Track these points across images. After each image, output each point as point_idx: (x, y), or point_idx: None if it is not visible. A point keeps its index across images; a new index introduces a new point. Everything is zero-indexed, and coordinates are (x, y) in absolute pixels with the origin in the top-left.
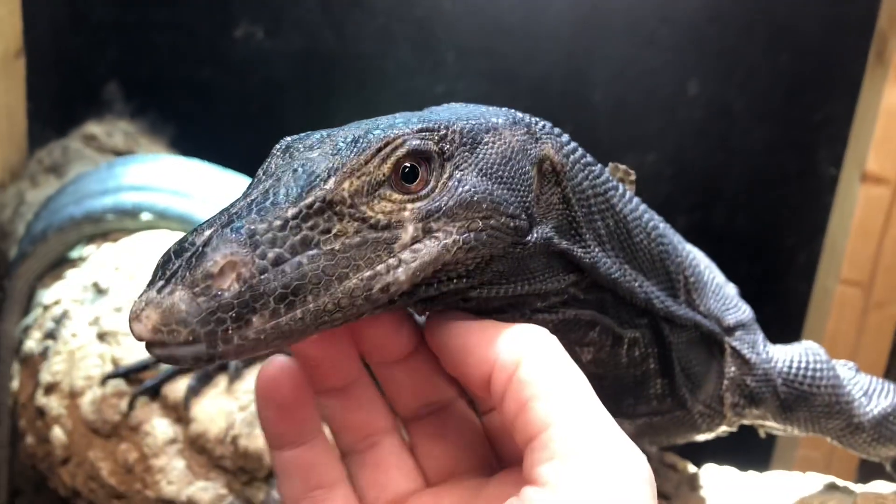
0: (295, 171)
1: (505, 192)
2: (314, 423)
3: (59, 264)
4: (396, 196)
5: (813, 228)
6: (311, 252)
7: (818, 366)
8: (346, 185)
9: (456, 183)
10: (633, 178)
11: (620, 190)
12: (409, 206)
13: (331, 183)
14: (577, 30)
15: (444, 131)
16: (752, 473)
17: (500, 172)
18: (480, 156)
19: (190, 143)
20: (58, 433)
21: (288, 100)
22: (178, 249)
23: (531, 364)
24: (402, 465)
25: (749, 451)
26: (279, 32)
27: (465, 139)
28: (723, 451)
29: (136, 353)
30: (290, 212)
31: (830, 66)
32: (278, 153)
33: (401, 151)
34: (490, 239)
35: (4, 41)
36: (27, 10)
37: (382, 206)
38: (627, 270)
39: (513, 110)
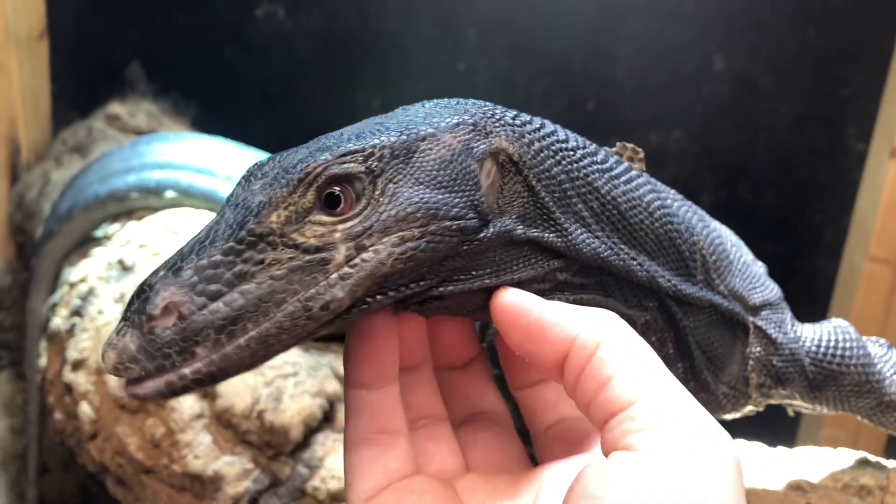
0: (236, 206)
1: (446, 195)
2: (392, 372)
3: (85, 242)
4: (327, 219)
5: (841, 205)
6: (246, 284)
7: (848, 344)
8: (273, 217)
9: (388, 198)
10: (641, 156)
11: (611, 171)
12: (340, 227)
13: (261, 217)
14: (599, 5)
15: (371, 150)
16: (781, 449)
17: (440, 177)
18: (416, 165)
19: (212, 122)
20: (85, 409)
21: (309, 79)
22: (138, 292)
23: (611, 345)
24: (451, 448)
25: (773, 430)
26: (300, 11)
27: (396, 153)
28: (747, 430)
29: None
30: (225, 247)
31: (859, 39)
32: (242, 181)
33: (321, 180)
34: (431, 245)
35: (28, 23)
36: None
37: (314, 230)
38: (624, 250)
39: (469, 108)
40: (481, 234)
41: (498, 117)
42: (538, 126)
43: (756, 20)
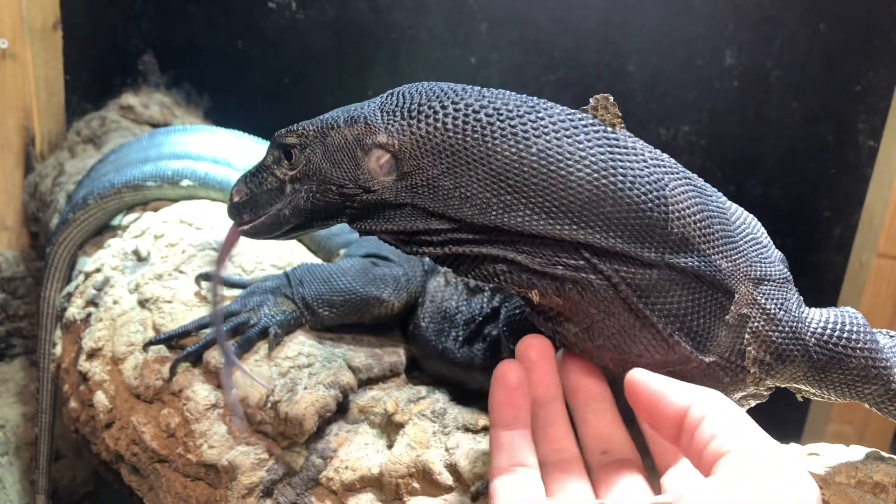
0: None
1: (335, 169)
2: (524, 415)
3: (101, 232)
4: (285, 167)
5: (850, 201)
6: (258, 190)
7: (855, 328)
8: (268, 158)
9: (306, 162)
10: (610, 101)
11: (538, 131)
12: (289, 173)
13: (265, 157)
14: None
15: (302, 131)
16: (793, 445)
17: (334, 157)
18: (325, 146)
19: (224, 113)
20: (101, 398)
21: (321, 70)
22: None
23: (715, 417)
24: (581, 479)
25: (780, 425)
26: (313, 3)
27: (317, 135)
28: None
29: (177, 319)
30: (255, 168)
31: (870, 35)
32: None
33: (276, 143)
34: (324, 198)
35: (42, 14)
36: None
37: (281, 171)
38: (526, 212)
39: (381, 105)
40: (362, 197)
41: (396, 117)
42: (430, 118)
43: (767, 15)
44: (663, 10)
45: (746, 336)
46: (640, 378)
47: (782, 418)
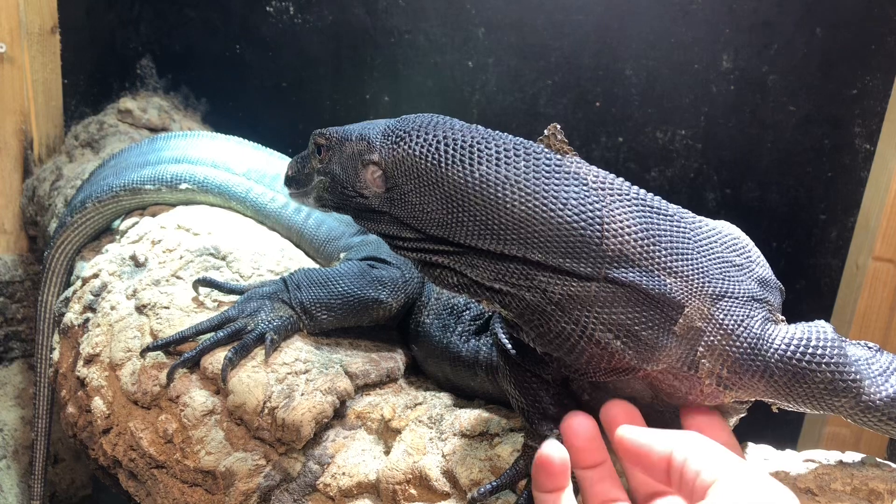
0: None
1: (343, 173)
2: (564, 482)
3: (98, 237)
4: (316, 159)
5: (846, 204)
6: (302, 171)
7: (821, 343)
8: (308, 150)
9: (328, 161)
10: (558, 132)
11: (467, 168)
12: (318, 165)
13: (309, 146)
14: (608, 3)
15: (329, 135)
16: (789, 452)
17: (344, 164)
18: (341, 151)
19: (222, 117)
20: (98, 404)
21: (319, 75)
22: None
23: (696, 456)
24: None
25: (776, 428)
26: (311, 8)
27: (337, 142)
28: (751, 430)
29: (174, 325)
30: (301, 155)
31: (866, 39)
32: None
33: (312, 140)
34: (333, 191)
35: (40, 18)
36: None
37: (313, 163)
38: (471, 229)
39: (385, 128)
40: (357, 200)
41: (383, 140)
42: (406, 144)
43: (763, 19)
44: (659, 14)
45: (700, 349)
46: (626, 435)
47: (779, 420)
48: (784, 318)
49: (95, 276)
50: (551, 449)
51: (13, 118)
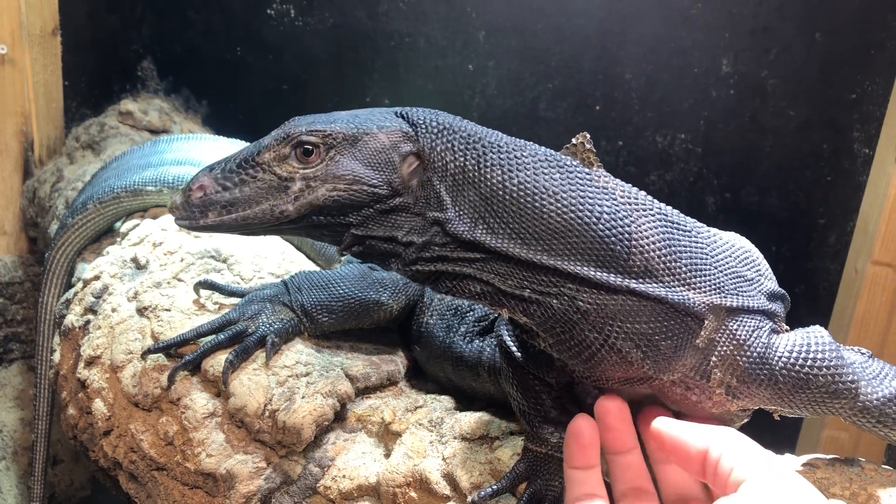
0: (258, 143)
1: (369, 171)
2: (594, 459)
3: (99, 239)
4: (296, 165)
5: (845, 208)
6: (244, 187)
7: (819, 348)
8: (266, 155)
9: (334, 163)
10: (587, 143)
11: (510, 169)
12: (301, 171)
13: (261, 152)
14: (608, 7)
15: (330, 132)
16: (789, 456)
17: (369, 160)
18: (358, 148)
19: (223, 119)
20: (99, 406)
21: (320, 77)
22: (192, 178)
23: (730, 452)
24: None
25: (775, 431)
26: (311, 11)
27: (347, 138)
28: (749, 431)
29: (175, 327)
30: (237, 164)
31: (865, 44)
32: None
33: (294, 141)
34: (350, 196)
35: (41, 20)
36: None
37: (287, 168)
38: (507, 235)
39: (412, 116)
40: (390, 200)
41: (426, 128)
42: (448, 135)
43: (763, 24)
44: (660, 19)
45: (713, 359)
46: (663, 427)
47: (777, 424)
48: (787, 326)
49: (97, 277)
50: (582, 422)
51: (14, 120)
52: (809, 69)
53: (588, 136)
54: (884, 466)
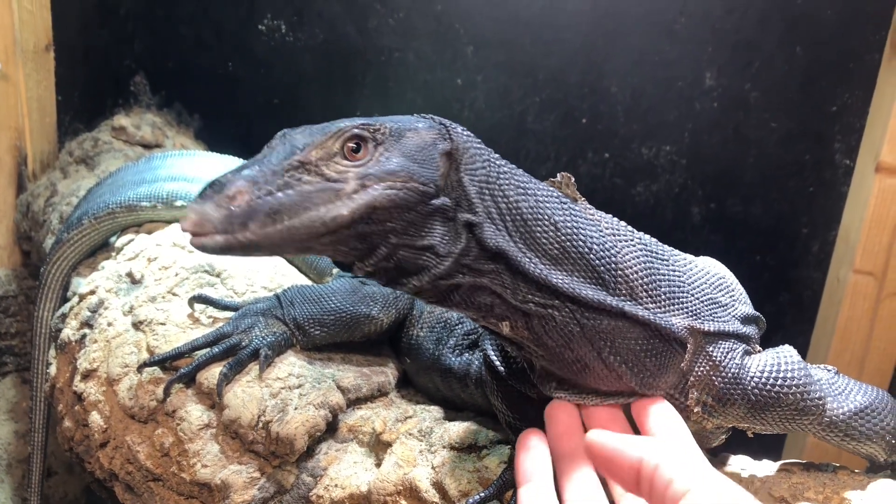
0: (284, 144)
1: (418, 168)
2: (545, 469)
3: (94, 254)
4: (346, 162)
5: (827, 218)
6: (288, 191)
7: (788, 367)
8: (313, 153)
9: (384, 159)
10: (572, 180)
11: (524, 187)
12: (353, 169)
13: (305, 151)
14: (594, 21)
15: (379, 126)
16: (765, 462)
17: (417, 156)
18: (403, 144)
19: (215, 134)
20: (96, 418)
21: (311, 92)
22: (212, 183)
23: (666, 463)
24: None
25: (759, 438)
26: (302, 26)
27: (393, 133)
28: (734, 440)
29: (170, 341)
30: (278, 166)
31: (846, 57)
32: (277, 137)
33: (346, 135)
34: (404, 195)
35: (34, 35)
36: (56, 5)
37: (336, 167)
38: (520, 246)
39: (436, 119)
40: (433, 201)
41: (457, 130)
42: (473, 143)
43: (746, 38)
44: (645, 33)
45: (692, 378)
46: (597, 439)
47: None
48: (760, 347)
49: (92, 292)
50: (530, 432)
51: (8, 134)
52: (791, 82)
53: (572, 178)
54: (856, 471)
